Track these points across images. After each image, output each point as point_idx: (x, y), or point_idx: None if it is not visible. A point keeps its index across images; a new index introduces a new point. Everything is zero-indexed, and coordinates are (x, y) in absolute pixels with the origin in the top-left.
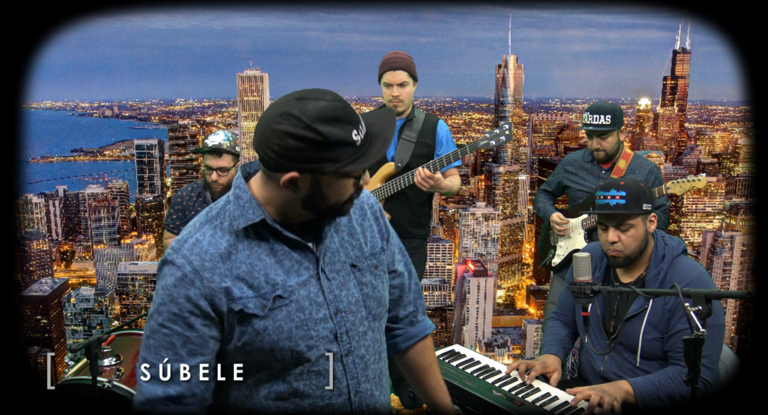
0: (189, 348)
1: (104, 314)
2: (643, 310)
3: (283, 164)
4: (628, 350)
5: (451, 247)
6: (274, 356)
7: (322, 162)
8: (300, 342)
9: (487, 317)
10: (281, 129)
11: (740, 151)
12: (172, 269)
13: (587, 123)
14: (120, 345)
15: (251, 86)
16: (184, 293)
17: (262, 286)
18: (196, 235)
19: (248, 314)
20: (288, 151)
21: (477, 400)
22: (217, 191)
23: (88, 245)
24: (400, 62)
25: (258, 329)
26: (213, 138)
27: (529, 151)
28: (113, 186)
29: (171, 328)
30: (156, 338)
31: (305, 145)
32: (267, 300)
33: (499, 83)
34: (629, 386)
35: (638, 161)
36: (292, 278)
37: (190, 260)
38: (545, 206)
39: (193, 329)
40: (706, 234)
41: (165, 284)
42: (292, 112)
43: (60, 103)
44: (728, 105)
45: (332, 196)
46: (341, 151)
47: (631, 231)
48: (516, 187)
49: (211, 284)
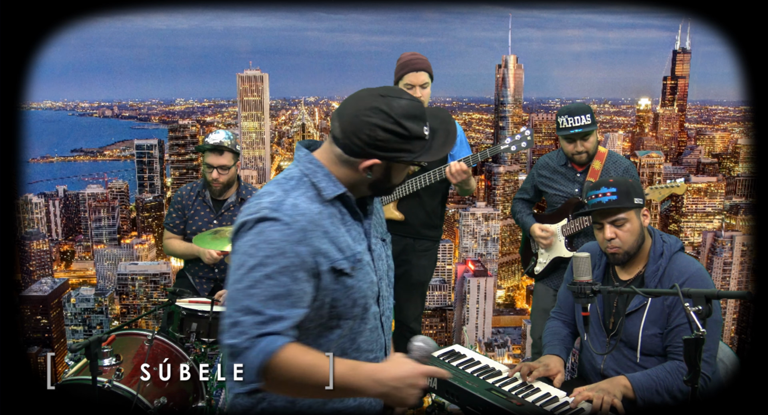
0: (291, 300)
1: (104, 314)
2: (642, 306)
3: (368, 152)
4: (627, 347)
5: (451, 247)
6: (353, 311)
7: (402, 152)
8: (369, 300)
9: (487, 317)
10: (373, 121)
11: (740, 151)
12: (278, 225)
13: (567, 126)
14: (120, 345)
15: (251, 86)
16: (294, 249)
17: (345, 250)
18: (289, 199)
19: (344, 272)
20: (376, 141)
21: (477, 400)
22: (217, 190)
23: (88, 245)
24: (422, 63)
25: (348, 286)
26: (214, 136)
27: (529, 152)
28: (113, 186)
29: (279, 279)
30: (261, 287)
31: (392, 137)
32: (351, 262)
33: (499, 83)
34: (627, 382)
35: (613, 160)
36: (359, 245)
37: (295, 219)
38: (523, 217)
39: (298, 282)
40: (706, 234)
41: (270, 238)
42: (381, 107)
43: (60, 103)
44: (728, 105)
45: (396, 180)
46: (416, 143)
47: (627, 226)
48: (516, 187)
49: (314, 242)
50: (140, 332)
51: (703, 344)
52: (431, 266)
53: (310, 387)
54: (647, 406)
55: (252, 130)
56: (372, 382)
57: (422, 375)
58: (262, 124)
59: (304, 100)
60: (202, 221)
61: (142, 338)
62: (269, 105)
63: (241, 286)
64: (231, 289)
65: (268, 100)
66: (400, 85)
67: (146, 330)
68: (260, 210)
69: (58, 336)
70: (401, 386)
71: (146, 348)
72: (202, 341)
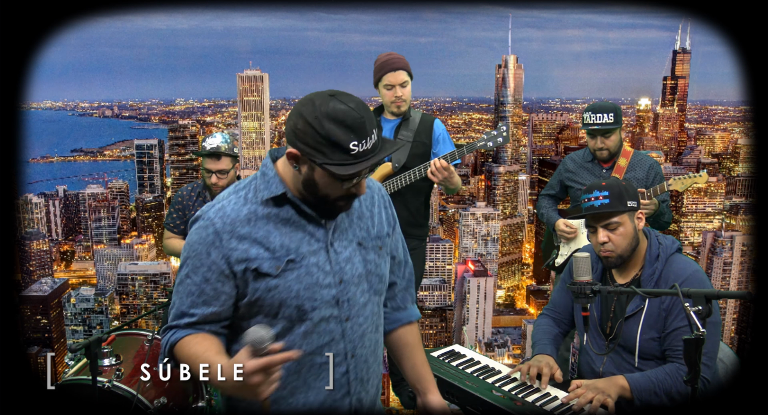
0: (203, 299)
1: (104, 314)
2: (639, 310)
3: (291, 140)
4: (626, 351)
5: (451, 247)
6: (281, 311)
7: (316, 152)
8: (305, 302)
9: (487, 317)
10: (299, 111)
11: (740, 151)
12: (198, 229)
13: (589, 123)
14: (120, 345)
15: (251, 86)
16: (205, 250)
17: (276, 249)
18: (222, 202)
19: (262, 273)
20: (296, 130)
21: (477, 400)
22: (217, 193)
23: (88, 245)
24: (400, 62)
25: (270, 287)
26: (211, 141)
27: (529, 151)
28: (113, 186)
29: (192, 279)
30: (183, 286)
31: (309, 130)
32: (280, 262)
33: (499, 83)
34: (625, 382)
35: (638, 158)
36: (304, 246)
37: (213, 222)
38: (549, 212)
39: (209, 282)
40: (706, 234)
41: (190, 240)
42: (314, 101)
43: (60, 103)
44: (728, 105)
45: (323, 188)
46: (334, 152)
47: (620, 229)
48: (516, 187)
49: (229, 244)
50: (140, 332)
51: (703, 344)
52: (420, 265)
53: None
54: (645, 407)
55: (252, 130)
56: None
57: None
58: (262, 124)
59: None
60: None
61: (142, 338)
62: (269, 105)
63: (176, 281)
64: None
65: (268, 100)
66: (379, 86)
67: (146, 330)
68: (199, 212)
69: (58, 336)
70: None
71: (146, 348)
72: None
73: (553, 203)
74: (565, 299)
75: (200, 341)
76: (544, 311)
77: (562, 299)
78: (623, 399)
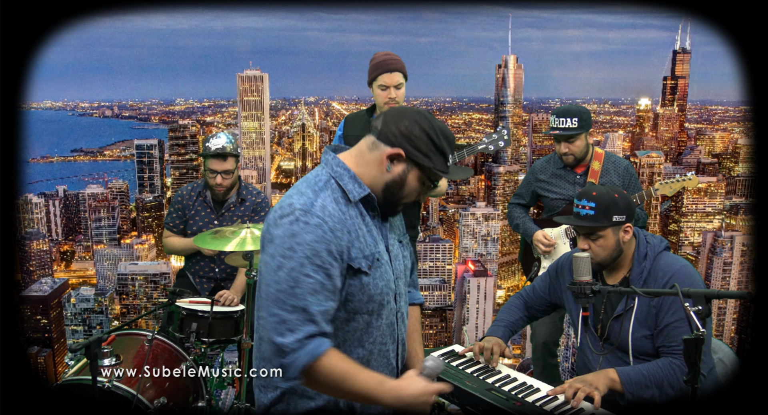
0: (326, 294)
1: (104, 314)
2: (629, 309)
3: (398, 141)
4: (619, 350)
5: (451, 247)
6: (368, 306)
7: (425, 156)
8: (385, 297)
9: (487, 317)
10: (415, 119)
11: (740, 151)
12: (309, 227)
13: (553, 127)
14: (120, 345)
15: (251, 86)
16: (326, 248)
17: (365, 248)
18: (318, 200)
19: (361, 271)
20: (410, 134)
21: (477, 400)
22: (220, 194)
23: (88, 245)
24: (396, 63)
25: (363, 283)
26: (216, 141)
27: (529, 151)
28: (113, 186)
29: (315, 277)
30: (303, 286)
31: (425, 138)
32: (371, 261)
33: (499, 83)
34: (615, 374)
35: (612, 160)
36: (380, 244)
37: (325, 220)
38: (525, 223)
39: (332, 278)
40: (706, 234)
41: (303, 239)
42: (426, 116)
43: (60, 103)
44: (728, 105)
45: (407, 189)
46: (439, 159)
47: (600, 241)
48: (516, 187)
49: (342, 242)
50: (140, 332)
51: (703, 344)
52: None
53: (340, 391)
54: (637, 401)
55: (252, 130)
56: (392, 398)
57: (433, 393)
58: (262, 124)
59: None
60: (202, 221)
61: (142, 338)
62: (269, 105)
63: (283, 286)
64: (273, 290)
65: (268, 100)
66: (374, 86)
67: (146, 330)
68: (293, 211)
69: (58, 336)
70: (416, 402)
71: (146, 348)
72: (202, 341)
73: (525, 212)
74: (545, 289)
75: (343, 356)
76: (520, 292)
77: (543, 287)
78: (616, 393)
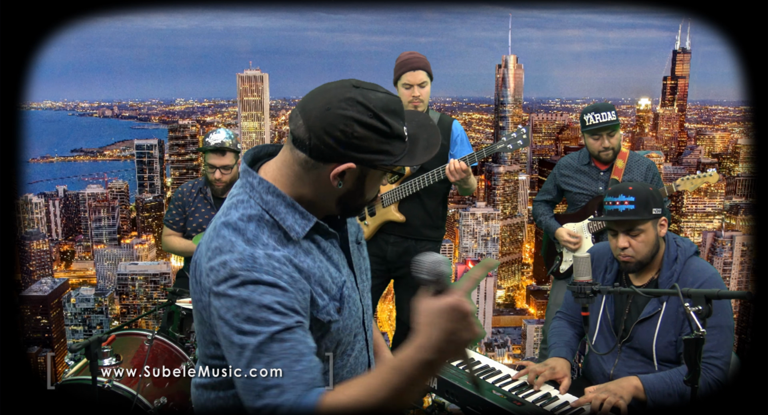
0: (311, 349)
1: (104, 314)
2: (656, 313)
3: (341, 153)
4: (639, 353)
5: (451, 247)
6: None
7: (381, 154)
8: (352, 332)
9: (487, 317)
10: (348, 115)
11: (740, 151)
12: (264, 287)
13: (594, 123)
14: (120, 345)
15: (251, 86)
16: (291, 306)
17: (331, 287)
18: (257, 251)
19: (332, 321)
20: (353, 139)
21: (477, 400)
22: (220, 189)
23: (88, 245)
24: (419, 62)
25: (332, 331)
26: (215, 136)
27: (529, 151)
28: (113, 186)
29: (292, 338)
30: (287, 353)
31: (371, 134)
32: (338, 302)
33: (499, 83)
34: (639, 382)
35: (635, 159)
36: (343, 270)
37: (278, 276)
38: (547, 220)
39: (308, 333)
40: (706, 234)
41: (263, 303)
42: (357, 98)
43: (60, 103)
44: (728, 105)
45: (369, 192)
46: (396, 145)
47: (642, 236)
48: (516, 187)
49: (305, 294)
50: (140, 332)
51: (703, 344)
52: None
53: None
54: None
55: (252, 130)
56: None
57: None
58: (262, 124)
59: None
60: (203, 218)
61: (142, 338)
62: (269, 105)
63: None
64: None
65: (268, 100)
66: (398, 84)
67: (146, 330)
68: (233, 273)
69: (58, 336)
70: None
71: (146, 348)
72: None
73: (550, 209)
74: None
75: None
76: (558, 314)
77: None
78: (635, 400)
